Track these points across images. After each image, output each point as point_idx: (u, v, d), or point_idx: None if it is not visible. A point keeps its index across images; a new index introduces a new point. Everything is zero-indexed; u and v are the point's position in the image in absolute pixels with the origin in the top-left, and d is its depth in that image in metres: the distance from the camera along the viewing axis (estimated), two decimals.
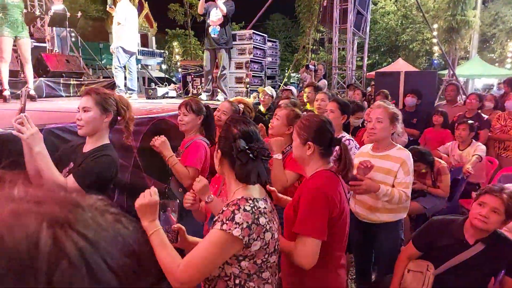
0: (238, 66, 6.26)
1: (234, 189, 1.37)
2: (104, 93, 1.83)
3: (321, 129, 1.67)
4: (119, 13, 5.22)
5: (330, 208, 1.53)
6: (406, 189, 2.24)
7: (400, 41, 23.55)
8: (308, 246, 1.50)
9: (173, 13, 26.61)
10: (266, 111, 4.70)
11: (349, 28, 8.20)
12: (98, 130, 1.81)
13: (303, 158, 1.70)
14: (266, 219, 1.29)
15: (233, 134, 1.34)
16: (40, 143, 1.63)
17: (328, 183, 1.60)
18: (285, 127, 2.37)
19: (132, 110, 1.96)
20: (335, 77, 8.49)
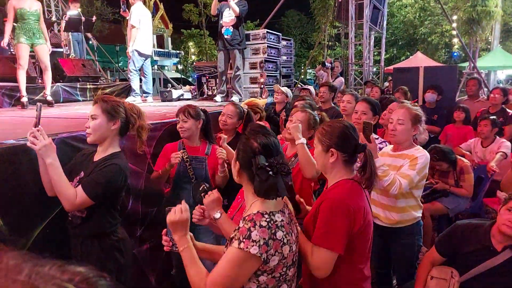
0: (253, 66, 6.21)
1: (251, 201, 1.36)
2: (112, 100, 1.84)
3: (344, 135, 1.58)
4: (133, 16, 5.26)
5: (351, 221, 1.46)
6: (403, 179, 2.15)
7: (418, 34, 22.95)
8: (323, 257, 1.45)
9: (188, 13, 26.78)
10: (280, 110, 4.62)
11: (365, 24, 8.01)
12: (106, 138, 1.82)
13: (325, 166, 1.62)
14: (283, 233, 1.27)
15: (253, 148, 1.32)
16: (52, 155, 1.65)
17: (352, 194, 1.52)
18: (306, 131, 2.33)
19: (144, 118, 1.95)
20: (351, 73, 8.33)
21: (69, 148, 2.07)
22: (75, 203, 1.68)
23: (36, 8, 4.67)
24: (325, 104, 4.27)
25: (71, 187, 1.70)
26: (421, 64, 11.35)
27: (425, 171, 2.26)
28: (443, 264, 2.09)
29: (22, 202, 1.86)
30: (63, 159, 1.94)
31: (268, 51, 6.18)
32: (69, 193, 1.67)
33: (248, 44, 6.12)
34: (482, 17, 17.00)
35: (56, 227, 1.97)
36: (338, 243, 1.44)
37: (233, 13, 5.22)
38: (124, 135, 1.92)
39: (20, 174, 1.85)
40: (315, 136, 1.71)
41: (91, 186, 1.71)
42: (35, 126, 1.64)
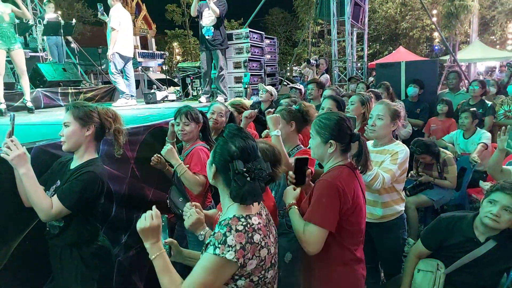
0: (237, 66, 6.18)
1: (227, 205, 1.33)
2: (84, 106, 1.80)
3: (341, 127, 1.70)
4: (113, 18, 5.17)
5: (341, 201, 1.57)
6: (386, 174, 2.18)
7: (400, 29, 23.24)
8: (314, 233, 1.56)
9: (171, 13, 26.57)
10: (266, 109, 4.62)
11: (347, 20, 8.05)
12: (81, 144, 1.79)
13: (324, 156, 1.74)
14: (260, 236, 1.25)
15: (231, 152, 1.27)
16: (26, 165, 1.62)
17: (344, 177, 1.64)
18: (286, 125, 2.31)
19: (120, 121, 1.91)
20: (335, 70, 8.37)
21: (48, 156, 2.02)
22: (51, 213, 1.65)
23: (10, 11, 4.53)
24: (314, 101, 4.28)
25: (46, 197, 1.67)
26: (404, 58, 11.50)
27: (406, 165, 2.30)
28: (429, 256, 2.12)
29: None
30: (42, 167, 1.90)
31: (252, 50, 6.17)
32: (44, 203, 1.64)
33: (231, 44, 6.09)
34: (460, 11, 17.36)
35: (35, 239, 1.91)
36: (328, 220, 1.56)
37: (213, 13, 5.19)
38: (100, 140, 1.89)
39: None
40: (311, 127, 1.79)
41: (66, 195, 1.67)
42: (9, 136, 1.61)
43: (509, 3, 19.72)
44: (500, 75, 11.90)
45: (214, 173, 1.33)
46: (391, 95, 4.79)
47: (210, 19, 5.26)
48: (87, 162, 1.78)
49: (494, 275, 1.97)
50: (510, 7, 19.90)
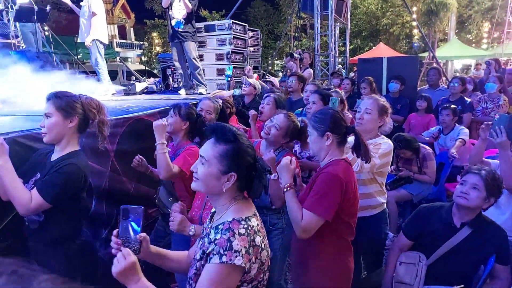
0: (219, 58, 6.09)
1: (225, 208, 1.27)
2: (66, 96, 1.71)
3: (337, 119, 1.77)
4: (94, 2, 4.97)
5: (342, 193, 1.64)
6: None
7: (381, 25, 23.58)
8: (313, 222, 1.62)
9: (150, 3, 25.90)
10: (249, 103, 4.57)
11: (330, 15, 8.08)
12: (63, 136, 1.70)
13: (322, 149, 1.79)
14: (260, 238, 1.22)
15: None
16: (3, 156, 1.54)
17: (345, 170, 1.70)
18: (282, 138, 2.32)
19: (104, 112, 1.83)
20: (318, 65, 8.41)
21: (22, 148, 1.92)
22: (30, 208, 1.56)
23: None
24: (294, 94, 4.26)
25: (25, 191, 1.58)
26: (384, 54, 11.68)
27: (388, 159, 2.33)
28: (411, 248, 2.17)
29: None
30: (16, 160, 1.79)
31: (235, 42, 6.08)
32: (23, 196, 1.55)
33: (214, 35, 5.99)
34: (439, 9, 17.77)
35: (12, 234, 1.82)
36: (327, 210, 1.62)
37: (184, 6, 5.01)
38: (83, 132, 1.80)
39: None
40: (308, 124, 1.86)
41: (47, 188, 1.59)
42: None
43: (485, 3, 20.34)
44: (476, 73, 12.30)
45: (233, 182, 1.24)
46: (374, 90, 4.85)
47: (181, 12, 5.08)
48: (69, 154, 1.70)
49: (473, 265, 2.03)
50: (486, 6, 20.53)
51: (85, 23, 5.04)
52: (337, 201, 1.63)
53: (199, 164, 1.26)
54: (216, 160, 1.23)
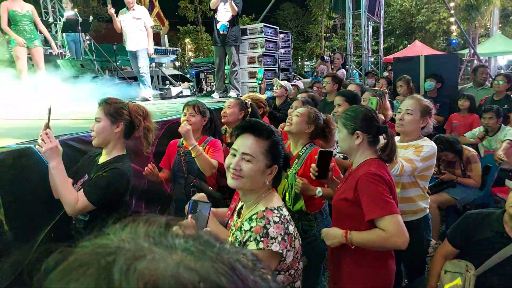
0: (251, 61, 6.15)
1: (256, 201, 1.30)
2: (115, 102, 1.79)
3: (367, 118, 1.71)
4: (148, 16, 5.27)
5: (389, 189, 1.58)
6: (405, 162, 2.13)
7: (416, 23, 22.75)
8: (395, 223, 1.51)
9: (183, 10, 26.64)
10: (280, 105, 4.57)
11: (362, 14, 7.90)
12: (110, 140, 1.79)
13: (351, 148, 1.74)
14: (293, 226, 1.26)
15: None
16: (56, 158, 1.63)
17: (382, 169, 1.65)
18: (306, 125, 2.28)
19: (150, 119, 1.90)
20: (350, 65, 8.24)
21: (71, 150, 2.03)
22: (76, 208, 1.65)
23: (28, 9, 4.61)
24: (329, 96, 4.21)
25: (73, 191, 1.68)
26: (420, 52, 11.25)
27: (431, 162, 2.22)
28: (457, 257, 2.06)
29: (26, 206, 1.83)
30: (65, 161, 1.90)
31: (266, 45, 6.11)
32: (71, 197, 1.65)
33: (245, 39, 6.05)
34: (480, 3, 16.86)
35: (61, 231, 1.93)
36: (394, 206, 1.54)
37: (229, 8, 5.16)
38: (129, 138, 1.87)
39: (23, 178, 1.82)
40: (338, 121, 1.80)
41: (91, 190, 1.68)
42: (45, 129, 1.63)
43: None
44: None
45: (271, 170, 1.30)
46: (411, 90, 4.68)
47: (226, 15, 5.23)
48: (114, 158, 1.78)
49: None
50: None
51: (140, 34, 5.30)
52: (389, 196, 1.57)
53: (242, 162, 1.26)
54: (262, 156, 1.27)
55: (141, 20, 5.31)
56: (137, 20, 5.28)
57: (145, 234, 0.35)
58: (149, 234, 0.35)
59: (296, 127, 2.25)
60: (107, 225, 0.38)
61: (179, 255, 0.32)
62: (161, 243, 0.33)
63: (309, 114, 2.28)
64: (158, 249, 0.32)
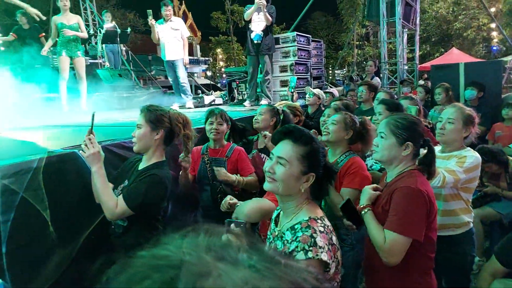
0: (283, 69, 6.16)
1: (295, 211, 1.28)
2: (156, 110, 1.83)
3: (419, 129, 1.66)
4: (184, 26, 5.47)
5: (427, 207, 1.51)
6: (447, 174, 2.01)
7: (453, 30, 21.96)
8: (399, 243, 1.47)
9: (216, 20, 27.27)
10: (313, 113, 4.54)
11: (397, 21, 7.72)
12: (150, 147, 1.82)
13: (395, 158, 1.66)
14: (335, 237, 1.23)
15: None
16: (98, 163, 1.68)
17: (423, 182, 1.58)
18: (343, 131, 2.24)
19: (190, 127, 1.93)
20: (385, 72, 8.05)
21: (112, 156, 2.11)
22: (116, 213, 1.68)
23: (74, 21, 4.90)
24: (365, 104, 4.12)
25: (112, 196, 1.71)
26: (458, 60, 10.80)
27: (475, 174, 2.10)
28: (507, 276, 1.92)
29: (70, 209, 1.91)
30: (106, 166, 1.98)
31: (299, 53, 6.11)
32: (110, 202, 1.69)
33: (278, 48, 6.08)
34: None
35: (100, 235, 2.00)
36: (416, 229, 1.47)
37: (263, 18, 5.23)
38: (169, 145, 1.90)
39: (68, 181, 1.90)
40: (383, 127, 1.69)
41: (130, 196, 1.70)
42: (88, 134, 1.69)
43: None
44: None
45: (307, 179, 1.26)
46: (449, 98, 4.50)
47: (260, 24, 5.30)
48: (153, 164, 1.81)
49: None
50: None
51: (177, 44, 5.49)
52: (424, 217, 1.49)
53: (276, 165, 1.26)
54: (297, 161, 1.24)
55: (178, 31, 5.48)
56: (174, 31, 5.46)
57: (207, 246, 0.34)
58: (211, 247, 0.34)
59: (334, 135, 2.21)
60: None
61: (244, 273, 0.31)
62: (224, 258, 0.32)
63: (345, 119, 2.24)
64: (222, 265, 0.31)
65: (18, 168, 1.71)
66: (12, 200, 1.66)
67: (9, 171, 1.67)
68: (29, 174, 1.73)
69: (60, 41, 4.86)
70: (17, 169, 1.70)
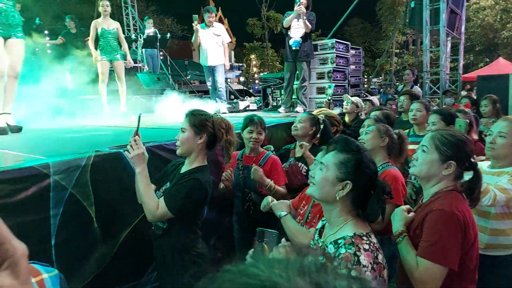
0: (320, 76, 6.10)
1: (341, 222, 1.24)
2: (200, 114, 1.85)
3: (467, 149, 1.51)
4: (225, 32, 5.59)
5: (462, 233, 1.38)
6: (499, 192, 1.86)
7: (500, 38, 20.84)
8: (432, 273, 1.35)
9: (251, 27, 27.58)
10: (351, 121, 4.43)
11: (442, 29, 7.43)
12: (193, 151, 1.83)
13: (434, 175, 1.53)
14: (382, 255, 1.17)
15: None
16: (142, 165, 1.72)
17: (460, 205, 1.44)
18: (378, 138, 2.26)
19: (233, 132, 1.93)
20: (427, 82, 7.75)
21: (154, 157, 2.15)
22: (156, 214, 1.70)
23: (114, 27, 5.12)
24: (406, 114, 3.98)
25: (154, 198, 1.73)
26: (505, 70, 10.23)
27: None
28: None
29: (113, 207, 1.97)
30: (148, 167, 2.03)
31: (337, 60, 6.03)
32: (151, 203, 1.70)
33: (316, 54, 6.04)
34: None
35: (140, 234, 2.05)
36: (450, 257, 1.35)
37: (302, 25, 5.22)
38: (211, 149, 1.91)
39: (113, 180, 1.97)
40: (427, 141, 1.58)
41: (172, 199, 1.71)
42: (134, 136, 1.73)
43: None
44: None
45: (341, 189, 1.23)
46: (497, 110, 4.24)
47: (299, 31, 5.29)
48: (195, 168, 1.81)
49: None
50: None
51: (219, 49, 5.59)
52: (458, 243, 1.37)
53: (317, 170, 1.29)
54: (334, 166, 1.24)
55: (220, 37, 5.58)
56: (217, 36, 5.56)
57: (300, 269, 0.32)
58: (305, 270, 0.32)
59: (369, 143, 2.22)
60: None
61: None
62: (320, 284, 0.30)
63: (378, 128, 2.27)
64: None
65: (68, 165, 1.79)
66: (61, 195, 1.74)
67: (60, 167, 1.75)
68: (77, 171, 1.81)
69: (100, 46, 5.09)
70: (67, 166, 1.78)
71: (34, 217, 1.64)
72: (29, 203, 1.61)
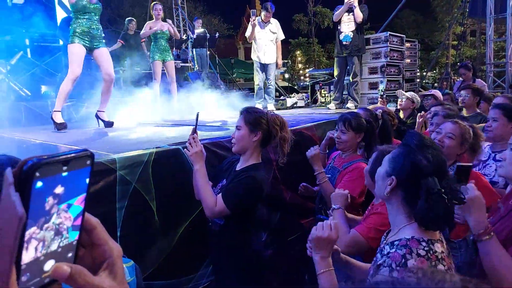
0: (372, 71, 5.86)
1: (401, 224, 1.16)
2: (255, 112, 1.85)
3: None
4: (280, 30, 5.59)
5: None
6: None
7: None
8: None
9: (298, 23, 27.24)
10: (407, 118, 4.21)
11: (508, 17, 6.79)
12: (248, 148, 1.83)
13: None
14: (444, 267, 1.04)
15: (421, 166, 1.10)
16: (200, 162, 1.76)
17: None
18: (459, 147, 1.98)
19: (287, 129, 1.89)
20: (490, 75, 7.14)
21: (210, 154, 2.20)
22: (215, 211, 1.72)
23: (165, 29, 5.35)
24: (468, 110, 3.70)
25: (212, 195, 1.76)
26: None
27: None
28: None
29: (173, 201, 2.04)
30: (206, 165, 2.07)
31: (391, 54, 5.76)
32: (210, 200, 1.73)
33: (368, 48, 5.81)
34: None
35: (197, 229, 2.11)
36: None
37: (353, 18, 5.05)
38: (266, 147, 1.90)
39: (172, 176, 2.04)
40: None
41: (229, 196, 1.72)
42: (192, 134, 1.78)
43: None
44: None
45: (393, 187, 1.16)
46: None
47: (350, 25, 5.14)
48: (250, 166, 1.82)
49: None
50: None
51: (273, 47, 5.56)
52: None
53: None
54: (387, 162, 1.22)
55: (275, 34, 5.53)
56: (272, 34, 5.51)
57: None
58: None
59: (448, 150, 1.93)
60: None
61: None
62: None
63: (463, 134, 1.97)
64: None
65: (132, 161, 1.88)
66: (126, 190, 1.84)
67: (125, 163, 1.84)
68: (140, 166, 1.90)
69: (153, 47, 5.34)
70: (131, 161, 1.88)
71: (103, 209, 1.74)
72: (99, 196, 1.71)
